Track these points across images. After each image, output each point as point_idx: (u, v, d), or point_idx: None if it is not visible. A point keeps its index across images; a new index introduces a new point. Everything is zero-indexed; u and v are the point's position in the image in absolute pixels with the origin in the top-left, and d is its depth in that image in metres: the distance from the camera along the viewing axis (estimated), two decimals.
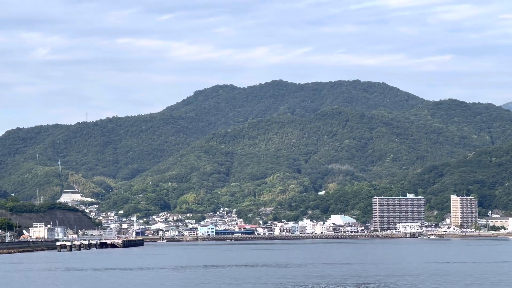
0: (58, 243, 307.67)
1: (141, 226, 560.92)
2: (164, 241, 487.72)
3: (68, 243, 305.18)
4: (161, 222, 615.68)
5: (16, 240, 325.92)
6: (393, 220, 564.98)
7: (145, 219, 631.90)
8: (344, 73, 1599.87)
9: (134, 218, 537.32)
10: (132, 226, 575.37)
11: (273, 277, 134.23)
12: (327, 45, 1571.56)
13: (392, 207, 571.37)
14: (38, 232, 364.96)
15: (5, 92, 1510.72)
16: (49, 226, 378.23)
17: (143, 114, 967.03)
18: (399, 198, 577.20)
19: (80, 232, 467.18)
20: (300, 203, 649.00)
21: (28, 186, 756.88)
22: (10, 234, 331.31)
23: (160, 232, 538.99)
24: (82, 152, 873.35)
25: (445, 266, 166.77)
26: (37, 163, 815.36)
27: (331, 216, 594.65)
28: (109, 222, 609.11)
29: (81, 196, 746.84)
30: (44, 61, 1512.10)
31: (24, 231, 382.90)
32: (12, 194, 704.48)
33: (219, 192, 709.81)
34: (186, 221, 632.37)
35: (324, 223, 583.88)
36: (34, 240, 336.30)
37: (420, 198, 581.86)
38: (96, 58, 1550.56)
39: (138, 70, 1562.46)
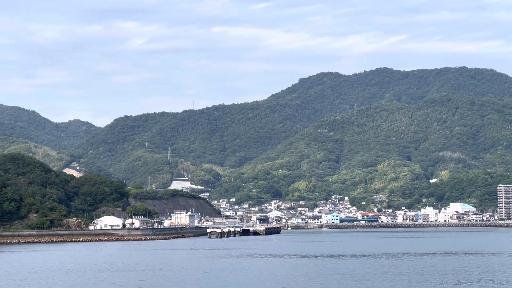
0: (208, 230, 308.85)
1: (262, 214, 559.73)
2: (289, 228, 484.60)
3: (218, 230, 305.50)
4: (275, 209, 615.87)
5: (162, 227, 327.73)
6: None
7: (257, 207, 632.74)
8: (443, 60, 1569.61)
9: (272, 204, 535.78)
10: (250, 214, 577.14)
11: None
12: (423, 33, 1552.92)
13: None
14: (180, 218, 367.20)
15: (105, 81, 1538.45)
16: (189, 213, 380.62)
17: (249, 102, 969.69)
18: None
19: (203, 219, 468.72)
20: (413, 190, 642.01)
21: (139, 173, 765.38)
22: (156, 220, 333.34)
23: (282, 220, 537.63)
24: (189, 140, 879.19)
25: None
26: (146, 150, 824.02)
27: (450, 204, 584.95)
28: (222, 209, 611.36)
29: (191, 183, 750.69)
30: (141, 51, 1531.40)
31: (161, 218, 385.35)
32: (124, 181, 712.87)
33: (330, 179, 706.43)
34: (299, 208, 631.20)
35: (440, 211, 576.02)
36: (181, 226, 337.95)
37: None
38: (191, 47, 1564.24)
39: (233, 58, 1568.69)
